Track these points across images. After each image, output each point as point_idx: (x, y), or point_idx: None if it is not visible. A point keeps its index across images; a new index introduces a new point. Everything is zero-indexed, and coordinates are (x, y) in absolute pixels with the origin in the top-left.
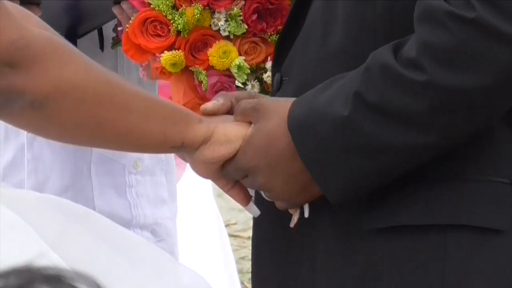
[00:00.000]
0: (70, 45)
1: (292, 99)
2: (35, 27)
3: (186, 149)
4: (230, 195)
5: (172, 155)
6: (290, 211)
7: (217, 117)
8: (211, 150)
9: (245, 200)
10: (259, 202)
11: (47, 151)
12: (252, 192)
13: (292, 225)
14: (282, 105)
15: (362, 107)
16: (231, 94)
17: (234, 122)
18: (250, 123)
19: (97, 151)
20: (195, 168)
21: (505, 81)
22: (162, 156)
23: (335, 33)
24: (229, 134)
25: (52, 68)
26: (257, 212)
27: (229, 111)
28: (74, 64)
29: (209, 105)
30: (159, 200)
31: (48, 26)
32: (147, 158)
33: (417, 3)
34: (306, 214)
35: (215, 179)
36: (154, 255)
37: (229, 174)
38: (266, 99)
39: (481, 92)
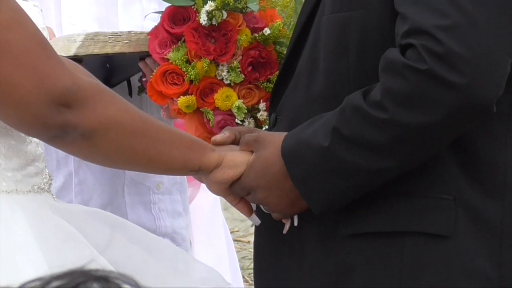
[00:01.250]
0: (110, 89)
1: (285, 133)
2: (82, 74)
3: (202, 172)
4: (237, 208)
5: (185, 178)
6: (283, 220)
7: (225, 146)
8: (221, 173)
9: (248, 212)
10: (260, 213)
11: (89, 177)
12: (254, 206)
13: (285, 231)
14: (277, 137)
15: (339, 139)
16: (235, 128)
17: (239, 151)
18: (252, 151)
19: (129, 176)
20: (210, 187)
21: (450, 119)
22: (178, 179)
23: (318, 82)
24: (235, 160)
25: (98, 108)
26: (258, 221)
27: (234, 142)
28: (115, 104)
29: (218, 137)
30: (176, 213)
31: (91, 74)
32: (166, 181)
33: (381, 57)
34: (296, 223)
35: (225, 196)
36: (177, 255)
37: (236, 191)
38: (264, 133)
39: (431, 127)
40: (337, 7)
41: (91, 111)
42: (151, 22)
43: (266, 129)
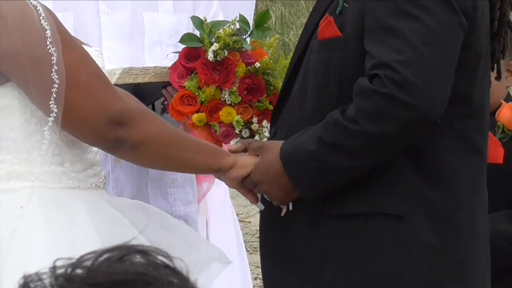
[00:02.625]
0: (151, 111)
1: (282, 141)
2: (130, 100)
3: (221, 172)
4: (246, 197)
5: (194, 175)
6: (281, 206)
7: (237, 153)
8: (235, 172)
9: (255, 200)
10: (264, 201)
11: (122, 175)
12: (259, 196)
13: (282, 214)
14: (276, 145)
15: (323, 145)
16: (245, 140)
17: (248, 155)
18: (258, 155)
19: (151, 174)
20: (226, 182)
21: (406, 129)
22: (188, 176)
23: (307, 104)
24: (245, 162)
25: (143, 126)
26: (262, 207)
27: (244, 150)
28: (155, 123)
29: (233, 147)
30: (187, 202)
31: (137, 100)
32: (179, 177)
33: (354, 84)
34: (290, 208)
35: (238, 188)
36: (191, 235)
37: (246, 185)
38: (267, 142)
39: (391, 136)
40: (321, 48)
41: (138, 128)
42: (169, 61)
43: (268, 139)
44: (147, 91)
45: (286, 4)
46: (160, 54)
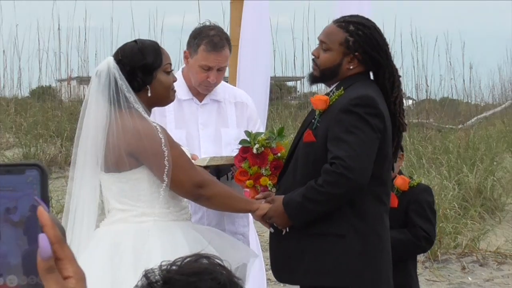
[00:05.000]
0: (217, 179)
1: (284, 196)
2: (204, 173)
3: (251, 212)
4: (264, 225)
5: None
6: (283, 229)
7: (260, 200)
8: (259, 212)
9: (269, 226)
10: (273, 227)
11: (211, 214)
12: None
13: (283, 233)
14: (280, 198)
15: (305, 199)
16: (264, 194)
17: (265, 203)
18: (270, 203)
19: (226, 212)
20: (253, 217)
21: (347, 192)
22: (241, 216)
23: (297, 175)
24: (264, 207)
25: (212, 187)
26: (272, 230)
27: (264, 198)
28: (218, 185)
29: (258, 197)
30: (244, 225)
31: (207, 172)
32: (241, 214)
33: (322, 167)
34: (288, 230)
35: (260, 221)
36: (237, 243)
37: (264, 219)
38: (275, 196)
39: (341, 194)
40: (305, 146)
41: (210, 189)
42: (230, 152)
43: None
44: (223, 168)
45: (282, 123)
46: (230, 149)
